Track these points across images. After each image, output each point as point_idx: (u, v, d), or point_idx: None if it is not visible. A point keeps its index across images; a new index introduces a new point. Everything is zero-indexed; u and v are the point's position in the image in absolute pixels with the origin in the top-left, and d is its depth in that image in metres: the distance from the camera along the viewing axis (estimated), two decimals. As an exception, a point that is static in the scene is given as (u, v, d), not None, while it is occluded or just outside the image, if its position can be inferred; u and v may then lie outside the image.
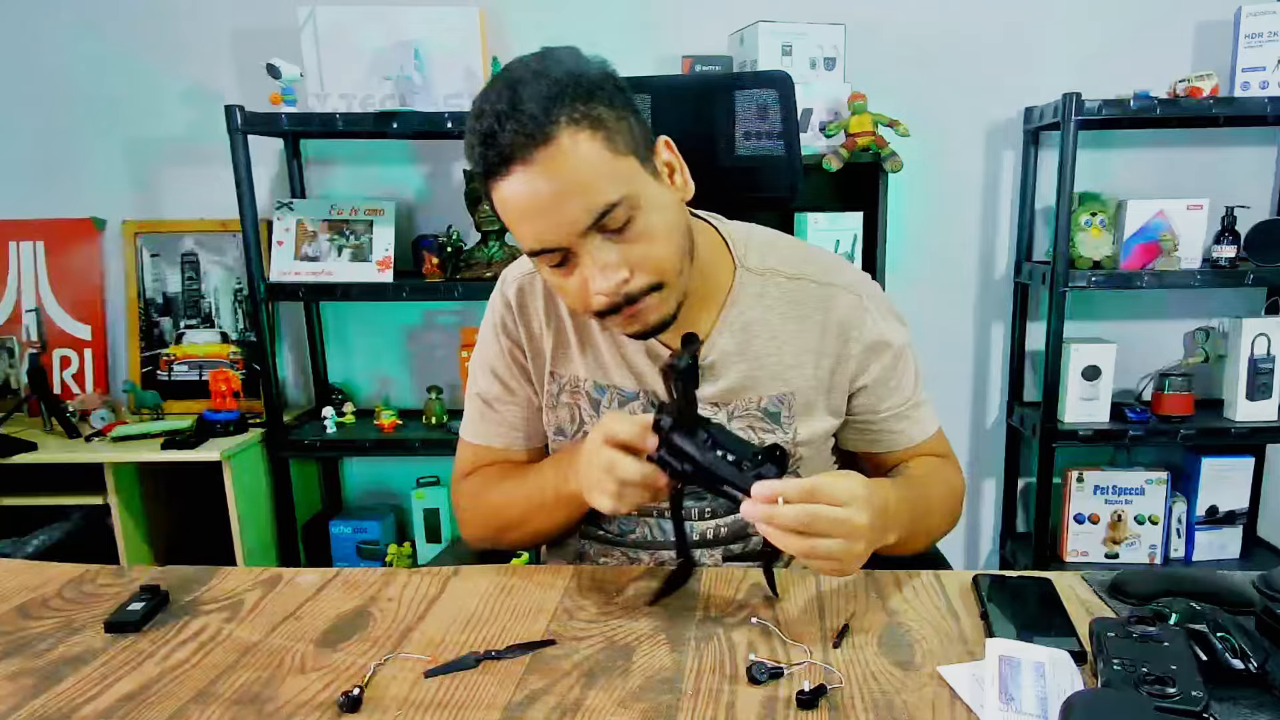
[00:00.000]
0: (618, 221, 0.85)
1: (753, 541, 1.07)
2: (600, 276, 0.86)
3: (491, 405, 1.10)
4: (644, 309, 0.90)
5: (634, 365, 1.03)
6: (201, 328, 2.31)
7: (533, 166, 0.82)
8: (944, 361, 2.35)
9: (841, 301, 1.03)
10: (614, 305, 0.88)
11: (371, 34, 2.00)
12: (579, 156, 0.82)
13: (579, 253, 0.86)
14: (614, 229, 0.85)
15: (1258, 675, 0.71)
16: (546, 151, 0.81)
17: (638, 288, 0.88)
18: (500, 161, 0.83)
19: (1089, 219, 2.08)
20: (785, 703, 0.72)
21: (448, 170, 2.29)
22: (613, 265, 0.86)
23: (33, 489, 2.08)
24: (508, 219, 0.87)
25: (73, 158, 2.29)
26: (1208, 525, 2.24)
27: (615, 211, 0.84)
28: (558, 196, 0.83)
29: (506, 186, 0.84)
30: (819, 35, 2.02)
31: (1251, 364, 2.10)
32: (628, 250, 0.86)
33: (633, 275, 0.87)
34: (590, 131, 0.83)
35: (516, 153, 0.82)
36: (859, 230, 2.03)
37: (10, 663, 0.81)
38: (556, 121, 0.81)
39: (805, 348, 1.02)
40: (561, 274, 0.89)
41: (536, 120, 0.81)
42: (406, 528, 2.45)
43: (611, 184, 0.84)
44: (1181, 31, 2.15)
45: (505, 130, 0.81)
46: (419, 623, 0.87)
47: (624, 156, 0.85)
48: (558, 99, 0.82)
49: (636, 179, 0.86)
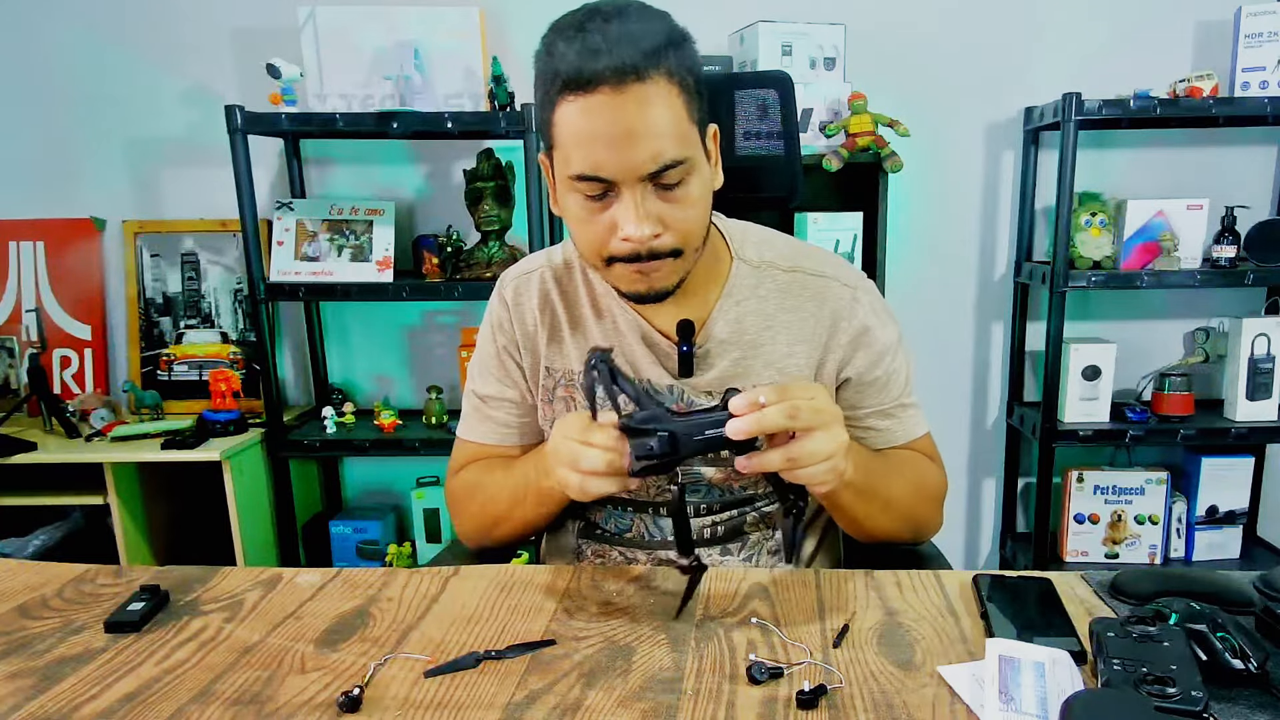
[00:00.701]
0: (672, 179, 0.87)
1: (750, 540, 1.08)
2: (636, 223, 0.86)
3: (485, 403, 1.11)
4: (658, 269, 0.91)
5: (631, 354, 1.04)
6: (201, 328, 2.31)
7: (622, 96, 0.82)
8: (944, 361, 2.36)
9: (834, 293, 1.04)
10: (634, 255, 0.89)
11: (371, 34, 2.00)
12: (665, 107, 0.84)
13: (624, 194, 0.87)
14: (666, 185, 0.87)
15: (1258, 675, 0.71)
16: (641, 89, 0.82)
17: (663, 246, 0.89)
18: (592, 78, 0.82)
19: (1089, 219, 2.08)
20: (785, 703, 0.72)
21: (448, 170, 2.29)
22: (652, 217, 0.87)
23: (33, 489, 2.08)
24: (568, 137, 0.86)
25: (73, 158, 2.29)
26: (1208, 525, 2.24)
27: (675, 170, 0.86)
28: (634, 135, 0.83)
29: (584, 104, 0.83)
30: (819, 35, 2.02)
31: (1251, 364, 2.10)
32: (667, 209, 0.88)
33: (664, 233, 0.89)
34: (680, 89, 0.85)
35: (611, 76, 0.81)
36: (859, 230, 2.03)
37: (10, 663, 0.81)
38: (660, 66, 0.83)
39: (799, 337, 1.04)
40: (594, 208, 0.89)
41: (645, 54, 0.82)
42: (406, 528, 2.45)
43: (681, 143, 0.86)
44: (1181, 31, 2.16)
45: (611, 50, 0.81)
46: (419, 623, 0.87)
47: (694, 124, 0.88)
48: (668, 46, 0.84)
49: (697, 148, 0.89)
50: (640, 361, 1.04)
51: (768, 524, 1.08)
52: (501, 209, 2.08)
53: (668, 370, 1.04)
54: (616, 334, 1.05)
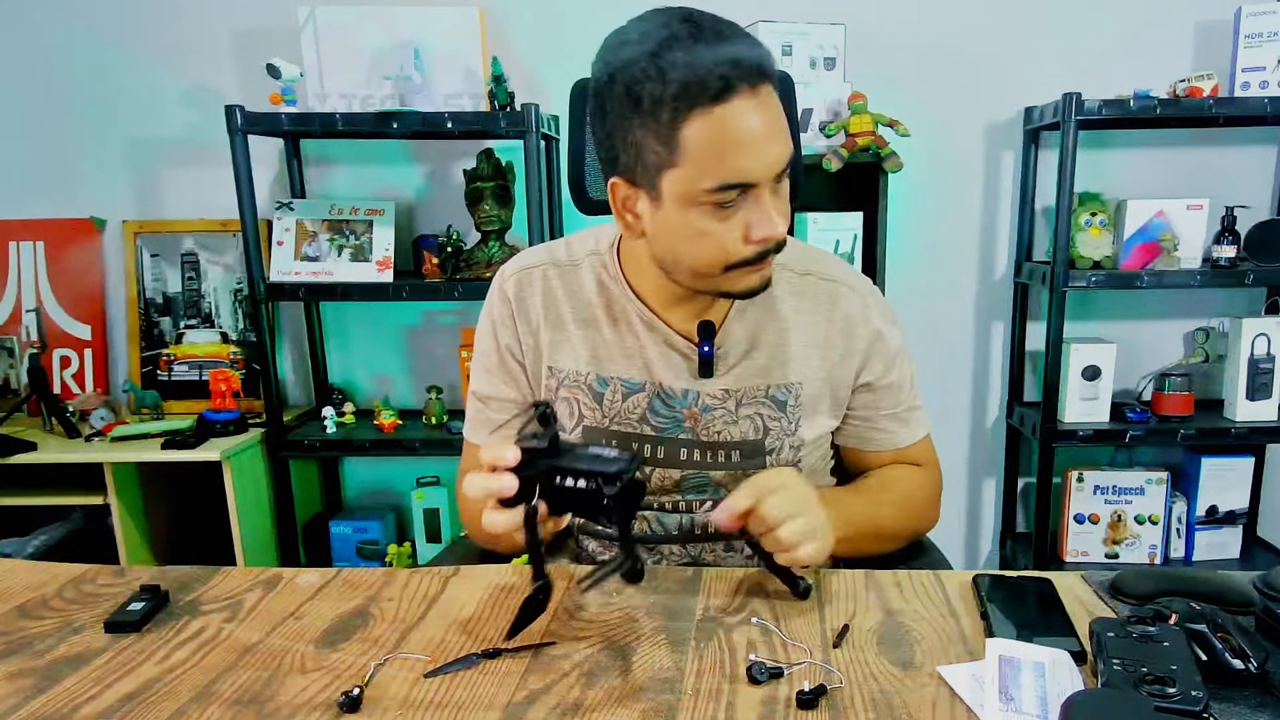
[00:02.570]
0: (787, 173, 0.90)
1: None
2: (777, 220, 0.88)
3: (486, 404, 1.10)
4: (769, 264, 0.94)
5: (645, 355, 1.03)
6: (201, 328, 2.31)
7: (757, 98, 0.84)
8: (944, 361, 2.36)
9: (846, 298, 1.05)
10: (763, 254, 0.91)
11: (371, 34, 2.00)
12: (778, 103, 0.87)
13: (760, 195, 0.88)
14: (783, 180, 0.90)
15: (1258, 675, 0.71)
16: (768, 90, 0.85)
17: (784, 237, 0.92)
18: (727, 85, 0.82)
19: (1089, 219, 2.08)
20: (785, 703, 0.72)
21: (448, 170, 2.29)
22: (784, 212, 0.91)
23: (33, 489, 2.08)
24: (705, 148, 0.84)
25: (73, 158, 2.29)
26: (1208, 525, 2.24)
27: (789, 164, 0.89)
28: (773, 132, 0.86)
29: (723, 112, 0.83)
30: (819, 35, 2.02)
31: (1251, 364, 2.10)
32: (780, 205, 0.91)
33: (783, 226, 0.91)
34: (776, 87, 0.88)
35: (745, 80, 0.82)
36: (859, 230, 2.03)
37: (10, 663, 0.81)
38: (770, 64, 0.86)
39: (812, 340, 1.04)
40: (722, 216, 0.88)
41: (763, 56, 0.85)
42: (406, 528, 2.45)
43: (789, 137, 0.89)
44: (1181, 31, 2.15)
45: (737, 55, 0.82)
46: (419, 623, 0.87)
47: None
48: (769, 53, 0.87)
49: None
50: (657, 364, 1.03)
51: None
52: (501, 209, 2.08)
53: (687, 372, 1.03)
54: (631, 338, 1.03)
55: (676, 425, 1.04)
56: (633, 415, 1.04)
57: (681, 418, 1.04)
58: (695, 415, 1.03)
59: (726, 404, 1.03)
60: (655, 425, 1.04)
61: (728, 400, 1.03)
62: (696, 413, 1.03)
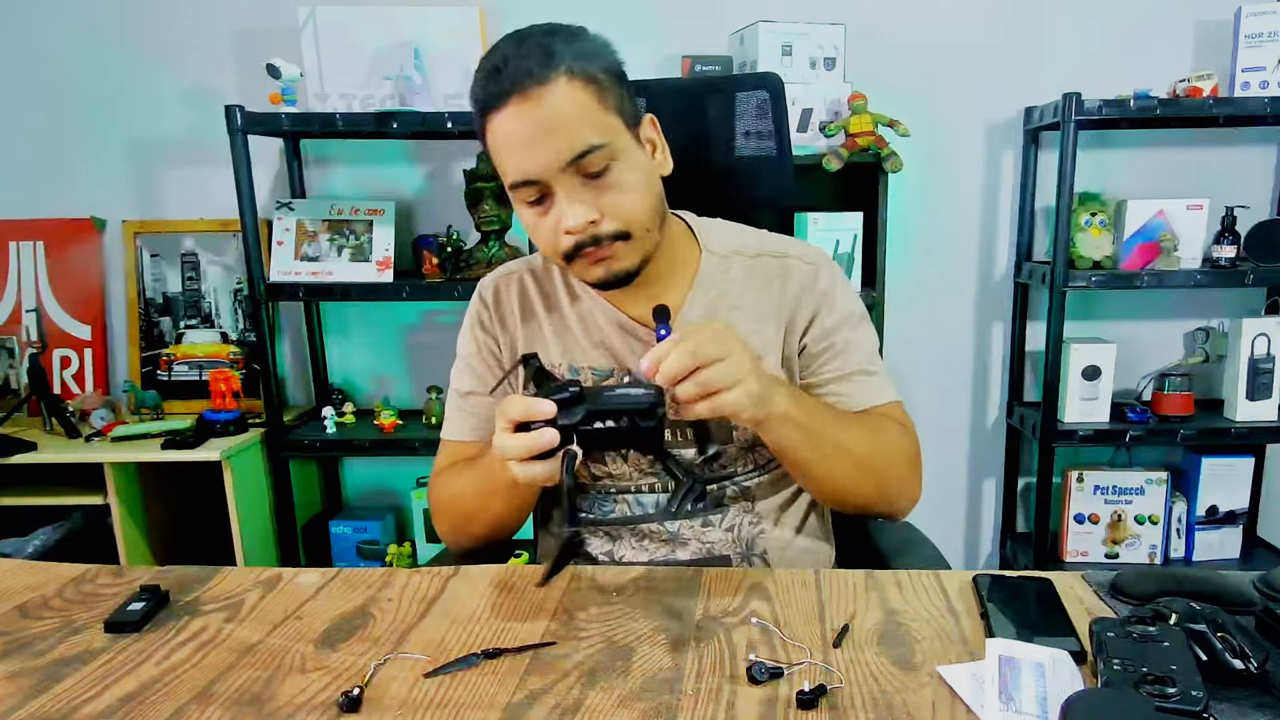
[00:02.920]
0: (595, 165, 0.92)
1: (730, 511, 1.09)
2: (571, 214, 0.92)
3: (466, 400, 1.14)
4: (610, 255, 0.96)
5: (609, 344, 1.08)
6: (201, 328, 2.31)
7: (528, 101, 0.89)
8: (944, 361, 2.35)
9: (796, 270, 1.09)
10: (580, 245, 0.94)
11: (371, 34, 2.00)
12: (571, 100, 0.90)
13: (556, 190, 0.92)
14: (591, 173, 0.92)
15: (1258, 675, 0.71)
16: (543, 89, 0.89)
17: (606, 232, 0.94)
18: (499, 94, 0.90)
19: (1089, 219, 2.08)
20: (785, 703, 0.72)
21: (448, 170, 2.29)
22: (585, 204, 0.93)
23: (33, 489, 2.08)
24: (497, 152, 0.94)
25: (73, 158, 2.29)
26: (1208, 525, 2.24)
27: (594, 155, 0.91)
28: (546, 130, 0.90)
29: (501, 118, 0.91)
30: (819, 35, 2.02)
31: (1251, 364, 2.10)
32: (601, 196, 0.93)
33: (602, 219, 0.93)
34: (584, 83, 0.91)
35: (515, 87, 0.89)
36: (859, 230, 2.03)
37: (10, 663, 0.81)
38: (557, 68, 0.90)
39: (764, 314, 1.08)
40: (538, 213, 0.95)
41: (539, 62, 0.89)
42: (406, 528, 2.45)
43: (595, 130, 0.91)
44: (1181, 31, 2.15)
45: (509, 67, 0.89)
46: (419, 623, 0.87)
47: (610, 113, 0.93)
48: (561, 52, 0.91)
49: (619, 134, 0.94)
50: (619, 350, 1.08)
51: (746, 496, 1.10)
52: (501, 209, 2.08)
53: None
54: (595, 328, 1.08)
55: None
56: None
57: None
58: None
59: None
60: None
61: None
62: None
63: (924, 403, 2.27)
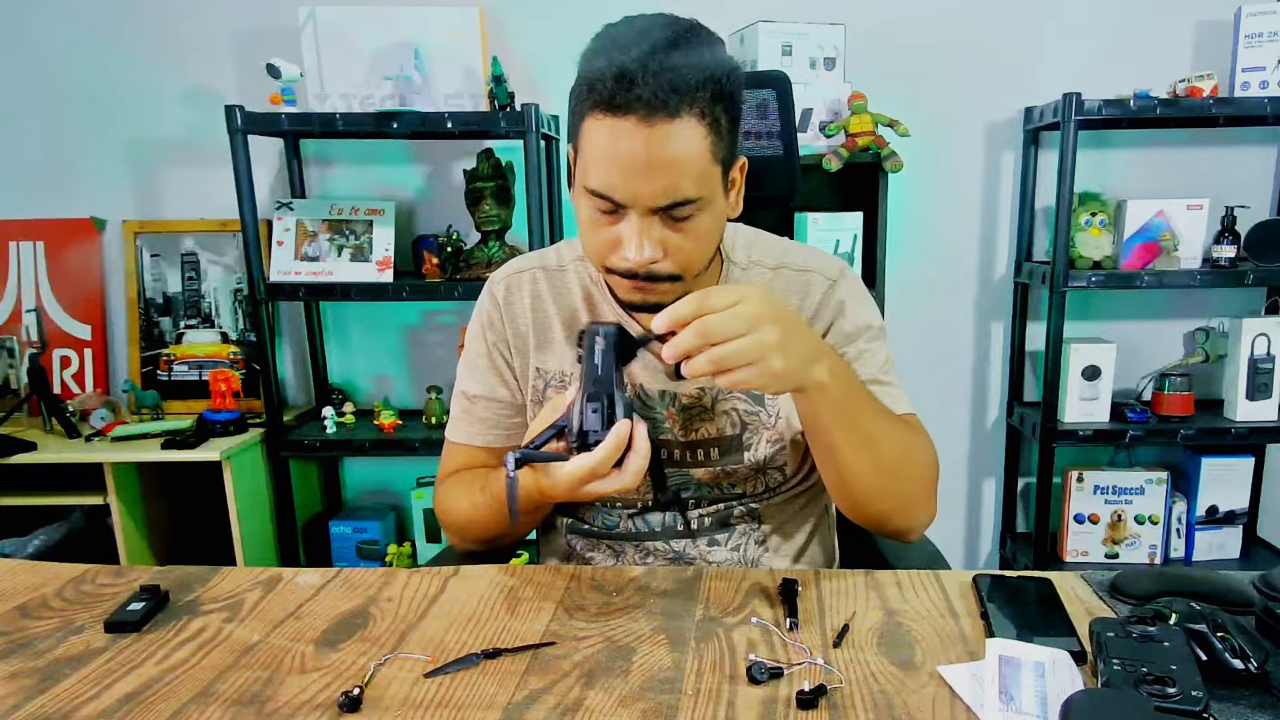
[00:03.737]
0: (684, 214, 0.87)
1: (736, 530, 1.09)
2: (637, 247, 0.87)
3: (474, 403, 1.12)
4: (655, 290, 0.92)
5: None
6: (201, 328, 2.31)
7: (649, 129, 0.82)
8: (944, 361, 2.35)
9: (816, 286, 1.06)
10: (631, 274, 0.90)
11: (371, 34, 2.00)
12: (690, 145, 0.84)
13: (632, 218, 0.87)
14: (676, 217, 0.88)
15: (1258, 675, 0.71)
16: (669, 125, 0.82)
17: (662, 271, 0.90)
18: (622, 105, 0.82)
19: (1089, 219, 2.08)
20: (785, 703, 0.72)
21: (448, 170, 2.29)
22: (654, 243, 0.88)
23: (33, 489, 2.08)
24: (590, 151, 0.86)
25: (73, 158, 2.30)
26: (1208, 525, 2.24)
27: (687, 207, 0.87)
28: (653, 168, 0.84)
29: (612, 127, 0.83)
30: (819, 35, 2.02)
31: (1251, 364, 2.10)
32: (673, 237, 0.89)
33: (665, 259, 0.89)
34: (707, 130, 0.85)
35: (642, 108, 0.82)
36: (859, 230, 2.03)
37: (10, 663, 0.81)
38: (691, 105, 0.83)
39: None
40: (602, 221, 0.89)
41: (677, 93, 0.82)
42: (406, 528, 2.45)
43: (697, 183, 0.86)
44: (1181, 31, 2.15)
45: (645, 82, 0.81)
46: (419, 623, 0.87)
47: (716, 164, 0.88)
48: (702, 85, 0.83)
49: (715, 186, 0.89)
50: (634, 366, 1.05)
51: (753, 516, 1.09)
52: (501, 209, 2.08)
53: (662, 374, 1.05)
54: None
55: (657, 427, 1.05)
56: None
57: (662, 418, 1.06)
58: (674, 416, 1.05)
59: (703, 401, 1.05)
60: None
61: (704, 398, 1.05)
62: (674, 413, 1.05)
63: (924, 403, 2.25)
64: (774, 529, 1.10)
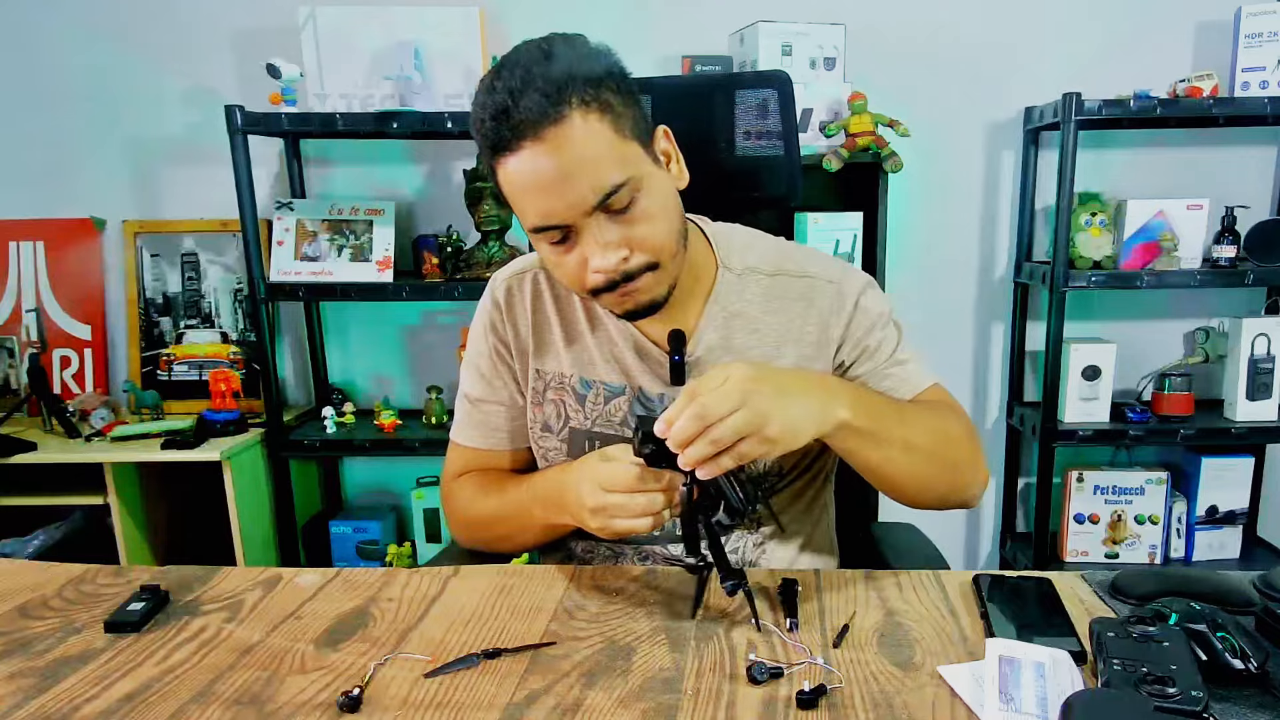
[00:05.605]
0: (621, 202, 0.87)
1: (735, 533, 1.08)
2: (600, 255, 0.88)
3: (476, 406, 1.13)
4: (639, 288, 0.92)
5: (621, 361, 1.05)
6: (201, 328, 2.31)
7: (544, 143, 0.83)
8: (944, 361, 2.35)
9: (820, 291, 1.04)
10: (611, 283, 0.90)
11: (371, 34, 2.00)
12: (589, 136, 0.84)
13: (581, 231, 0.88)
14: (617, 209, 0.87)
15: (1258, 675, 0.71)
16: (558, 129, 0.83)
17: (635, 266, 0.90)
18: (512, 137, 0.84)
19: (1089, 219, 2.08)
20: (785, 703, 0.72)
21: (448, 170, 2.29)
22: (614, 244, 0.88)
23: (33, 489, 2.07)
24: (513, 195, 0.88)
25: (73, 158, 2.29)
26: (1208, 525, 2.24)
27: (620, 192, 0.86)
28: (567, 174, 0.84)
29: (516, 162, 0.85)
30: (819, 35, 2.02)
31: (1251, 364, 2.10)
32: (628, 230, 0.88)
33: (631, 254, 0.89)
34: (599, 114, 0.85)
35: (528, 129, 0.83)
36: (859, 230, 2.03)
37: (10, 663, 0.81)
38: (569, 101, 0.83)
39: (786, 338, 1.04)
40: (561, 251, 0.90)
41: (550, 99, 0.83)
42: (406, 528, 2.45)
43: (618, 165, 0.86)
44: (1181, 31, 2.15)
45: (519, 107, 0.83)
46: (419, 623, 0.87)
47: (629, 141, 0.88)
48: (570, 81, 0.84)
49: (640, 162, 0.89)
50: (634, 369, 1.05)
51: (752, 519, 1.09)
52: (501, 209, 2.08)
53: (660, 378, 1.05)
54: (609, 343, 1.06)
55: None
56: (614, 418, 1.06)
57: None
58: None
59: None
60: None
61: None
62: None
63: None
64: (773, 530, 1.10)
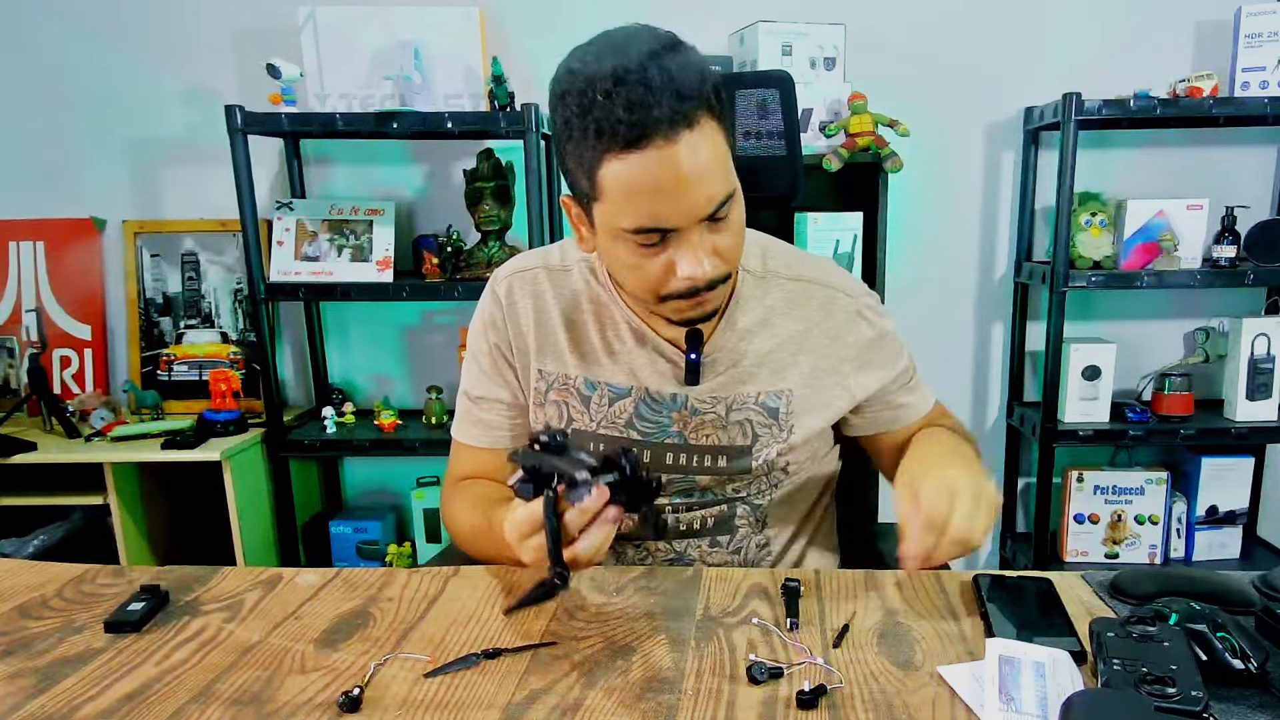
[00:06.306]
0: (725, 213, 0.87)
1: (738, 533, 1.09)
2: (694, 263, 0.86)
3: (477, 404, 1.12)
4: (711, 297, 0.92)
5: (631, 361, 1.04)
6: (201, 328, 2.31)
7: (674, 146, 0.80)
8: (944, 361, 2.35)
9: (840, 305, 1.05)
10: (693, 290, 0.89)
11: (371, 34, 2.00)
12: (713, 146, 0.83)
13: (684, 237, 0.86)
14: (720, 219, 0.87)
15: (1258, 675, 0.71)
16: (691, 136, 0.81)
17: (718, 276, 0.90)
18: (640, 134, 0.80)
19: (1089, 219, 2.08)
20: (785, 703, 0.72)
21: (448, 170, 2.29)
22: (709, 252, 0.88)
23: (33, 489, 2.07)
24: (618, 191, 0.83)
25: (73, 158, 2.29)
26: (1208, 525, 2.24)
27: (727, 204, 0.86)
28: (689, 182, 0.82)
29: (639, 160, 0.81)
30: (819, 35, 2.02)
31: (1251, 364, 2.10)
32: (716, 240, 0.88)
33: (718, 264, 0.89)
34: (718, 122, 0.84)
35: (661, 129, 0.79)
36: (859, 230, 2.03)
37: (10, 663, 0.81)
38: (704, 107, 0.82)
39: (802, 347, 1.04)
40: (648, 254, 0.88)
41: (690, 101, 0.80)
42: (406, 528, 2.45)
43: (728, 177, 0.87)
44: (1181, 31, 2.15)
45: (659, 102, 0.79)
46: (419, 623, 0.87)
47: (730, 153, 0.88)
48: (704, 84, 0.82)
49: (735, 174, 0.89)
50: (643, 370, 1.04)
51: (757, 517, 1.09)
52: (501, 209, 2.08)
53: (674, 378, 1.04)
54: (617, 343, 1.04)
55: (663, 430, 1.04)
56: (619, 419, 1.05)
57: (669, 422, 1.04)
58: (685, 418, 1.04)
59: (716, 409, 1.03)
60: (641, 430, 1.04)
61: (717, 405, 1.03)
62: (686, 415, 1.04)
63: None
64: (775, 530, 1.10)
